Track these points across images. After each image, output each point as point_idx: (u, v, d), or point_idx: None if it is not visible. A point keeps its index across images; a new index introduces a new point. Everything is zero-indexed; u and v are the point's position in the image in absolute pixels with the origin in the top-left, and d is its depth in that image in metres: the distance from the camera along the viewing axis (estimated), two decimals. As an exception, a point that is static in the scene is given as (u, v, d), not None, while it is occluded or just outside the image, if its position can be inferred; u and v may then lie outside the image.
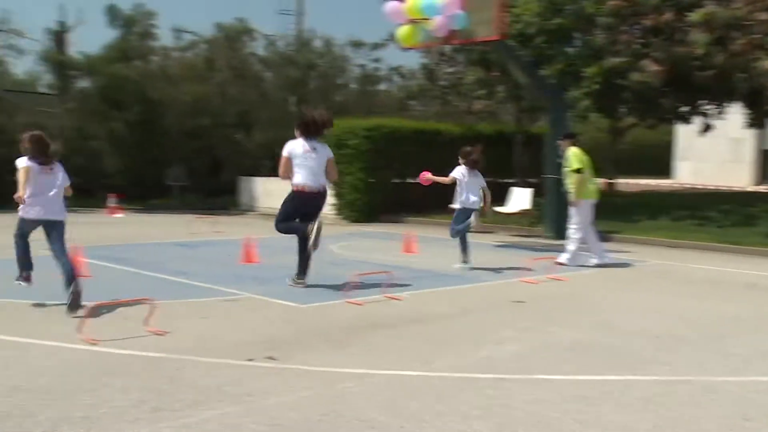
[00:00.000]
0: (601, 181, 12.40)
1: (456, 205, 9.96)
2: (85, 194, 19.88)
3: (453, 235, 9.98)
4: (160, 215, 17.93)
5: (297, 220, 8.06)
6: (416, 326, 6.40)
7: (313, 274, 8.85)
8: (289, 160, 7.93)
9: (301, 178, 7.88)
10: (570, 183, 10.27)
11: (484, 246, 12.82)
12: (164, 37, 23.32)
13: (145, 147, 20.45)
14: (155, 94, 21.05)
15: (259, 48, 24.22)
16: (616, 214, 15.55)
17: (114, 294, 7.18)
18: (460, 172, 9.90)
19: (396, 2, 13.15)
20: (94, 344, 5.37)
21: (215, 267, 9.55)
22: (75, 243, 9.75)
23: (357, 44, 25.86)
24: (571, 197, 10.28)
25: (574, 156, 10.27)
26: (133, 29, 21.17)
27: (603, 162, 27.54)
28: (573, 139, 10.63)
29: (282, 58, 23.47)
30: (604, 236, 13.86)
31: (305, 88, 23.82)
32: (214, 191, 24.07)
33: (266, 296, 7.49)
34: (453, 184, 10.02)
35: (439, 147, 18.82)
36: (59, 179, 6.93)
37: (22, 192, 6.64)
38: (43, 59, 20.45)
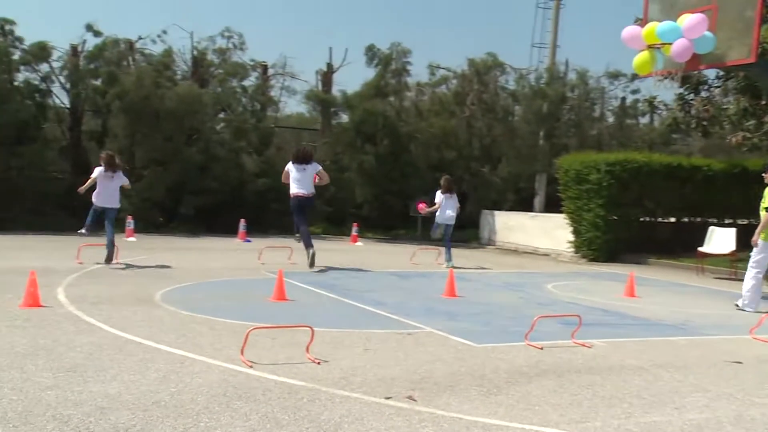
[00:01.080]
0: None
1: (437, 220, 13.82)
2: (337, 223, 21.18)
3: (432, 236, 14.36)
4: (398, 245, 18.39)
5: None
6: (591, 378, 5.72)
7: (511, 313, 8.47)
8: (288, 173, 12.04)
9: (294, 187, 11.93)
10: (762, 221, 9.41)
11: (726, 294, 11.35)
12: (419, 73, 24.11)
13: (391, 179, 21.20)
14: (405, 128, 21.80)
15: (509, 82, 24.09)
16: None
17: (303, 318, 7.40)
18: (439, 196, 13.71)
19: (634, 27, 12.31)
20: (249, 366, 5.51)
21: (415, 298, 9.48)
22: (286, 268, 10.31)
23: (614, 75, 24.72)
24: (756, 235, 9.51)
25: None
26: (389, 67, 22.16)
27: None
28: None
29: (533, 91, 23.09)
30: None
31: (556, 121, 23.18)
32: (457, 224, 24.23)
33: (447, 332, 7.22)
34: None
35: (697, 184, 17.21)
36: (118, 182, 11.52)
37: (84, 187, 11.53)
38: (308, 98, 22.20)
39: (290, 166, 12.05)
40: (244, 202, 20.31)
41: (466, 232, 22.93)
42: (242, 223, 17.97)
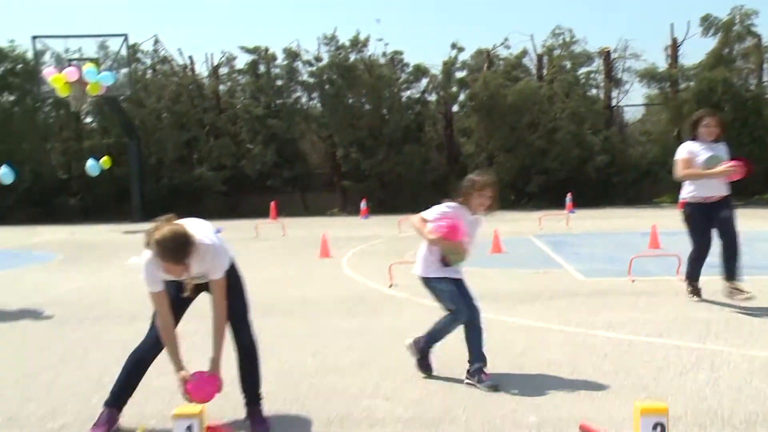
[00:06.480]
0: None
1: None
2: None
3: None
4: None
5: None
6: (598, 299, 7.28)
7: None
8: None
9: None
10: None
11: None
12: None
13: (741, 143, 20.95)
14: (752, 91, 21.33)
15: None
16: None
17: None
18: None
19: None
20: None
21: (622, 252, 10.97)
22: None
23: None
24: None
25: None
26: (731, 33, 21.84)
27: None
28: None
29: None
30: None
31: None
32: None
33: (581, 272, 9.04)
34: None
35: None
36: None
37: None
38: (642, 76, 23.07)
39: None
40: (588, 179, 22.35)
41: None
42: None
